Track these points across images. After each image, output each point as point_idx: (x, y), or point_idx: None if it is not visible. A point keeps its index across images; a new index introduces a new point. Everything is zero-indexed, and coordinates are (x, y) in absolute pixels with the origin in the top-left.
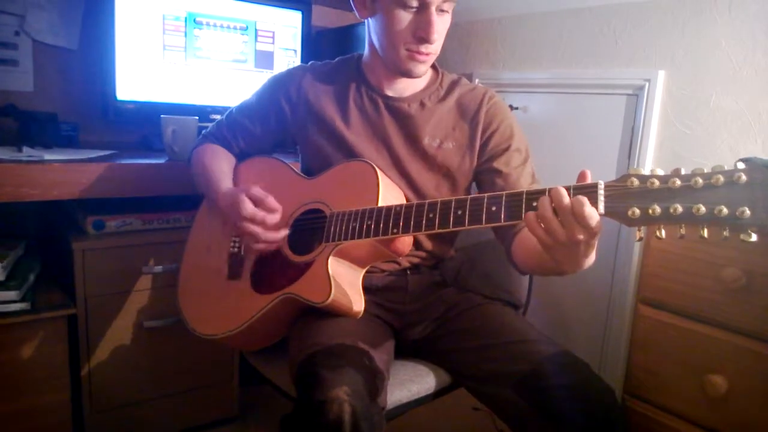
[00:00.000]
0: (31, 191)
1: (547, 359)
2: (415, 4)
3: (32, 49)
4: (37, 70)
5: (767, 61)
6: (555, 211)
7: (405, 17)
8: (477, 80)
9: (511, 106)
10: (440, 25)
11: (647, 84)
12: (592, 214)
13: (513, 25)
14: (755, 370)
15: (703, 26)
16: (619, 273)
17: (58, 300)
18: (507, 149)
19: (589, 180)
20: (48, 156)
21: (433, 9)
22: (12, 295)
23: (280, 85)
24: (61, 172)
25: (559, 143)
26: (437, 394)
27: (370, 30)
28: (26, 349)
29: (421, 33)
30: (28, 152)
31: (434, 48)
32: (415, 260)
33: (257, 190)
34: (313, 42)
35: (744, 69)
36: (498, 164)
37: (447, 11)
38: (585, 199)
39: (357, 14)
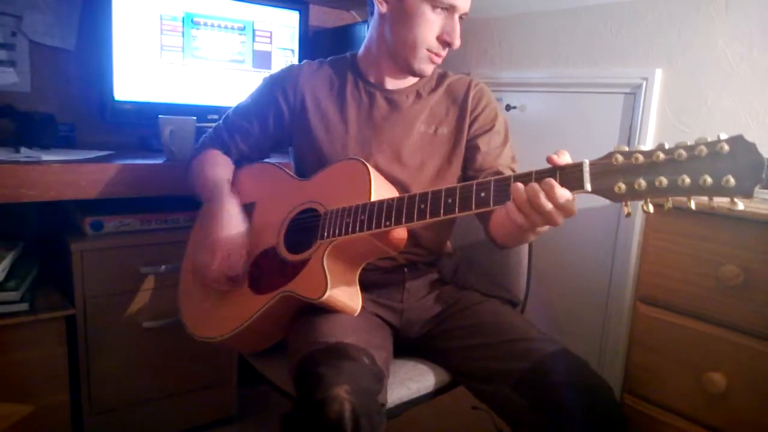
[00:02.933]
0: (28, 192)
1: (546, 357)
2: (445, 6)
3: (29, 49)
4: (35, 71)
5: (764, 59)
6: (528, 196)
7: (433, 20)
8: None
9: (508, 106)
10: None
11: (644, 83)
12: (564, 194)
13: (510, 25)
14: (754, 367)
15: (700, 25)
16: (618, 271)
17: (56, 301)
18: (490, 130)
19: (564, 158)
20: (46, 157)
21: (457, 15)
22: (10, 296)
23: (277, 84)
24: (58, 172)
25: (556, 142)
26: (436, 392)
27: (384, 25)
28: (25, 350)
29: (446, 38)
30: (25, 153)
31: (447, 52)
32: (412, 258)
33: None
34: (311, 42)
35: (741, 67)
36: (480, 143)
37: (463, 19)
38: (553, 181)
39: (377, 7)
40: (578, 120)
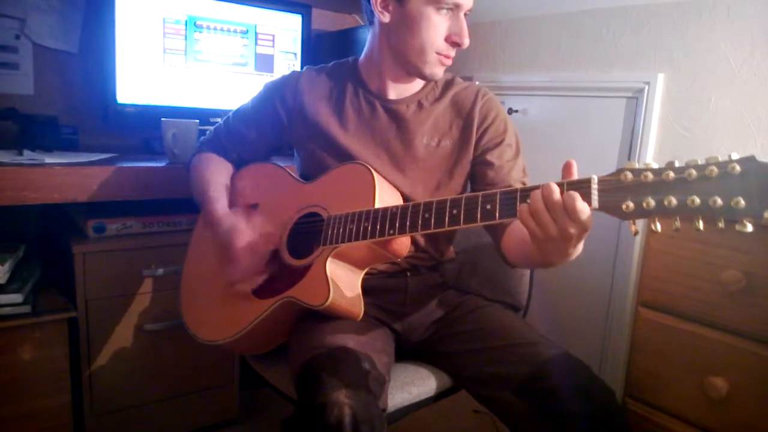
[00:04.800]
0: (31, 194)
1: (548, 361)
2: (449, 6)
3: (33, 52)
4: (38, 74)
5: (766, 64)
6: (547, 206)
7: (438, 21)
8: (477, 83)
9: (510, 109)
10: None
11: (647, 87)
12: (584, 208)
13: (513, 29)
14: (756, 372)
15: (702, 29)
16: (619, 275)
17: (58, 303)
18: (500, 143)
19: (574, 170)
20: (49, 159)
21: (462, 13)
22: (13, 298)
23: (276, 91)
24: (61, 175)
25: (558, 146)
26: (438, 396)
27: (389, 34)
28: (27, 352)
29: (455, 38)
30: (28, 155)
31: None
32: (415, 262)
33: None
34: (313, 45)
35: (743, 71)
36: (491, 157)
37: (467, 16)
38: (576, 194)
39: (379, 17)
40: (580, 124)
